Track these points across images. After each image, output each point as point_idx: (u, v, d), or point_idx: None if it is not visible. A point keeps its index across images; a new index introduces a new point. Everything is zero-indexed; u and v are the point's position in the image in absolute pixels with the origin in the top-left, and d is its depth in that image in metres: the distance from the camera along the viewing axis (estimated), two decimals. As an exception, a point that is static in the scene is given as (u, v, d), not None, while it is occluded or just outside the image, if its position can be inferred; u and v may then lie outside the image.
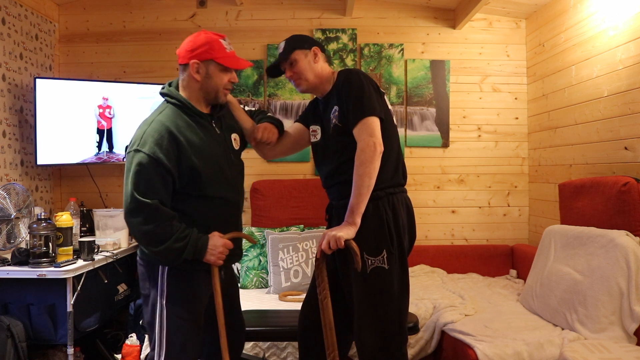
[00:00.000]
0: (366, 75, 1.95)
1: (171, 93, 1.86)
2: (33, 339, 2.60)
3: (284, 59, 2.00)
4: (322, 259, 1.84)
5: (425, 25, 3.91)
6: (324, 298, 1.82)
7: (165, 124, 1.76)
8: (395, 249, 1.88)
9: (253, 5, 3.89)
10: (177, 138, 1.76)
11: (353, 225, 1.79)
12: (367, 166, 1.79)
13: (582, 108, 3.10)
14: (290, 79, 2.03)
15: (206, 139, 1.84)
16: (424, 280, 3.44)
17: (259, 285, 3.35)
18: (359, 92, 1.87)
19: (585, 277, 2.42)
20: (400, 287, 1.90)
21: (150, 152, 1.71)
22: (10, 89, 3.24)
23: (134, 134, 1.80)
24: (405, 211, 1.96)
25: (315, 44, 2.03)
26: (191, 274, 1.83)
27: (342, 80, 1.94)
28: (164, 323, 1.79)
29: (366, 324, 1.88)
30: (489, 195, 3.90)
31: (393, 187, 1.92)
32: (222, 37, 1.86)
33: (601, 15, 2.90)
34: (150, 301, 1.84)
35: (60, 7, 3.87)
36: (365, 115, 1.84)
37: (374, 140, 1.81)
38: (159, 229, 1.72)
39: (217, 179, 1.85)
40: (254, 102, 3.82)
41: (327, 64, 2.08)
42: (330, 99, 1.99)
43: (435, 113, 3.86)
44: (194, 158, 1.77)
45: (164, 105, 1.86)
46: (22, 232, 2.76)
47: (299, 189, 3.70)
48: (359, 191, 1.79)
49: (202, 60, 1.81)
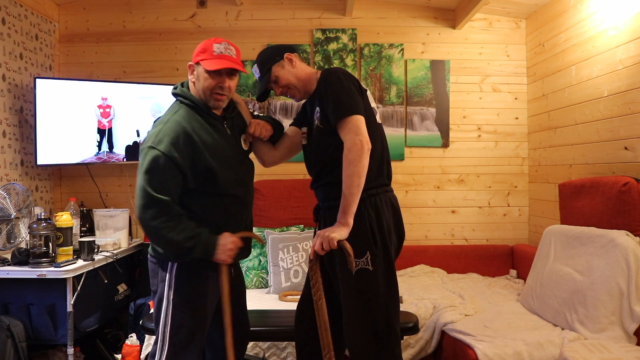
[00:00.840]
0: (347, 73, 1.92)
1: (184, 94, 1.89)
2: (33, 339, 2.60)
3: (266, 81, 2.01)
4: (315, 260, 1.84)
5: (425, 25, 3.91)
6: (319, 299, 1.83)
7: (182, 124, 1.79)
8: (379, 250, 1.86)
9: (253, 5, 3.89)
10: (193, 138, 1.78)
11: (345, 226, 1.79)
12: (355, 165, 1.78)
13: (582, 108, 3.10)
14: (282, 94, 2.05)
15: (219, 139, 1.87)
16: (424, 280, 3.44)
17: (259, 285, 3.35)
18: (338, 91, 1.85)
19: (585, 277, 2.42)
20: (386, 288, 1.88)
21: (166, 150, 1.73)
22: (10, 89, 3.24)
23: (149, 132, 1.84)
24: (390, 211, 1.93)
25: (284, 50, 2.02)
26: (201, 271, 1.85)
27: (322, 80, 1.92)
28: (169, 317, 1.81)
29: (354, 324, 1.88)
30: (489, 195, 3.90)
31: (376, 187, 1.89)
32: (218, 41, 1.86)
33: (601, 15, 2.90)
34: (157, 296, 1.86)
35: (60, 7, 3.87)
36: (348, 114, 1.82)
37: (360, 139, 1.79)
38: (168, 225, 1.74)
39: (231, 177, 1.87)
40: (253, 102, 3.82)
41: (305, 63, 2.07)
42: (314, 99, 1.98)
43: (435, 113, 3.86)
44: (209, 158, 1.80)
45: (178, 106, 1.89)
46: (22, 232, 2.76)
47: (299, 189, 3.70)
48: (349, 191, 1.78)
49: (195, 62, 1.87)
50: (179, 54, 3.86)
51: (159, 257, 1.85)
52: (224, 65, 1.82)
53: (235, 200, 1.92)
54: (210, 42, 1.85)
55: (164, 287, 1.82)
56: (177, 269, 1.82)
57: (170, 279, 1.82)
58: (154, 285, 1.88)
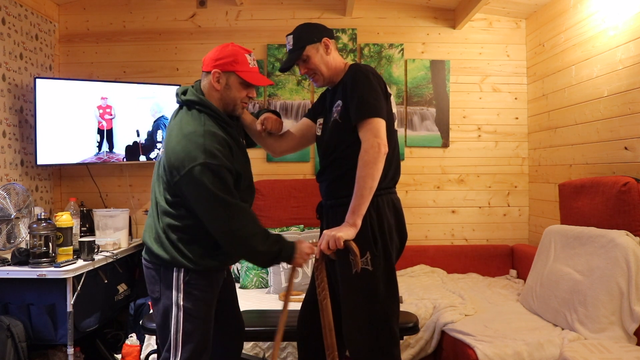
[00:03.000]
0: (376, 74, 1.91)
1: (204, 103, 1.83)
2: (33, 339, 2.60)
3: (296, 58, 1.96)
4: (321, 260, 1.84)
5: (425, 25, 3.91)
6: (324, 299, 1.82)
7: (219, 134, 1.77)
8: (379, 251, 1.86)
9: (253, 5, 3.89)
10: (231, 146, 1.79)
11: (353, 227, 1.78)
12: (370, 167, 1.77)
13: (582, 108, 3.10)
14: (306, 74, 2.01)
15: (238, 147, 1.87)
16: (424, 280, 3.44)
17: (259, 285, 3.35)
18: (365, 90, 1.84)
19: (585, 277, 2.42)
20: (386, 289, 1.88)
21: (222, 162, 1.72)
22: (10, 89, 3.24)
23: (184, 149, 1.72)
24: (392, 212, 1.92)
25: (324, 34, 1.98)
26: (209, 275, 1.84)
27: (351, 75, 1.89)
28: (180, 323, 1.78)
29: (353, 324, 1.88)
30: (489, 195, 3.90)
31: (379, 189, 1.87)
32: (248, 52, 1.86)
33: (601, 15, 2.90)
34: (162, 304, 1.82)
35: (60, 7, 3.87)
36: (371, 116, 1.81)
37: (378, 141, 1.78)
38: (257, 230, 1.76)
39: (246, 183, 1.89)
40: (254, 102, 3.82)
41: (338, 52, 2.03)
42: (337, 92, 1.96)
43: (435, 113, 3.86)
44: (237, 165, 1.81)
45: (200, 115, 1.81)
46: (22, 232, 2.76)
47: (299, 189, 3.70)
48: (360, 192, 1.77)
49: (224, 70, 1.82)
50: (179, 54, 3.86)
51: (160, 263, 1.81)
52: (265, 82, 1.88)
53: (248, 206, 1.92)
54: (242, 53, 1.84)
55: (172, 294, 1.79)
56: (184, 275, 1.79)
57: (179, 285, 1.79)
58: (155, 292, 1.84)
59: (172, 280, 1.79)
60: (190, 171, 1.69)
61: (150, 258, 1.84)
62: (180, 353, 1.78)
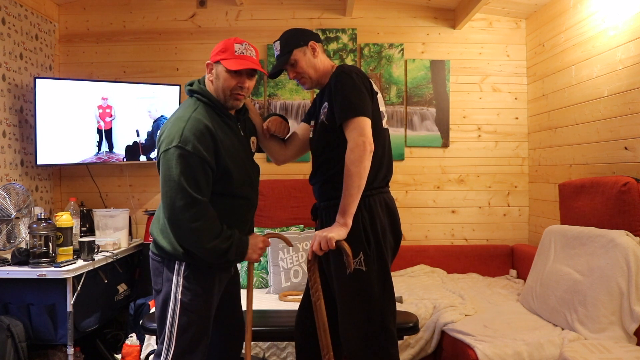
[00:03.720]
0: (360, 73, 1.91)
1: (202, 91, 1.86)
2: (33, 339, 2.60)
3: (284, 62, 1.98)
4: (313, 261, 1.84)
5: (425, 25, 3.91)
6: (317, 300, 1.82)
7: (204, 122, 1.76)
8: (372, 251, 1.86)
9: (253, 5, 3.89)
10: (215, 136, 1.77)
11: (344, 226, 1.78)
12: (356, 166, 1.77)
13: (582, 108, 3.10)
14: (295, 79, 2.02)
15: (235, 139, 1.86)
16: (424, 280, 3.44)
17: (259, 285, 3.35)
18: (348, 91, 1.84)
19: (585, 277, 2.42)
20: (381, 289, 1.88)
21: (195, 150, 1.71)
22: (10, 89, 3.24)
23: (168, 131, 1.77)
24: (385, 212, 1.92)
25: (310, 38, 1.99)
26: (209, 271, 1.84)
27: (335, 77, 1.90)
28: (176, 317, 1.79)
29: (348, 324, 1.88)
30: (489, 195, 3.90)
31: (370, 189, 1.88)
32: (240, 42, 1.85)
33: (601, 15, 2.90)
34: (162, 296, 1.83)
35: (60, 7, 3.87)
36: (356, 115, 1.81)
37: (363, 140, 1.78)
38: (208, 226, 1.73)
39: (243, 179, 1.87)
40: (254, 102, 3.82)
41: (326, 55, 2.05)
42: (324, 94, 1.97)
43: (435, 113, 3.86)
44: (227, 158, 1.79)
45: (195, 102, 1.85)
46: (22, 232, 2.76)
47: (299, 189, 3.70)
48: (349, 192, 1.77)
49: (213, 61, 1.85)
50: (179, 54, 3.86)
51: (164, 255, 1.83)
52: (246, 65, 1.82)
53: (244, 201, 1.92)
54: (231, 42, 1.84)
55: (171, 286, 1.80)
56: (185, 269, 1.80)
57: (178, 278, 1.80)
58: (158, 284, 1.86)
59: (172, 273, 1.81)
60: (165, 153, 1.73)
61: (156, 249, 1.86)
62: (173, 347, 1.79)
